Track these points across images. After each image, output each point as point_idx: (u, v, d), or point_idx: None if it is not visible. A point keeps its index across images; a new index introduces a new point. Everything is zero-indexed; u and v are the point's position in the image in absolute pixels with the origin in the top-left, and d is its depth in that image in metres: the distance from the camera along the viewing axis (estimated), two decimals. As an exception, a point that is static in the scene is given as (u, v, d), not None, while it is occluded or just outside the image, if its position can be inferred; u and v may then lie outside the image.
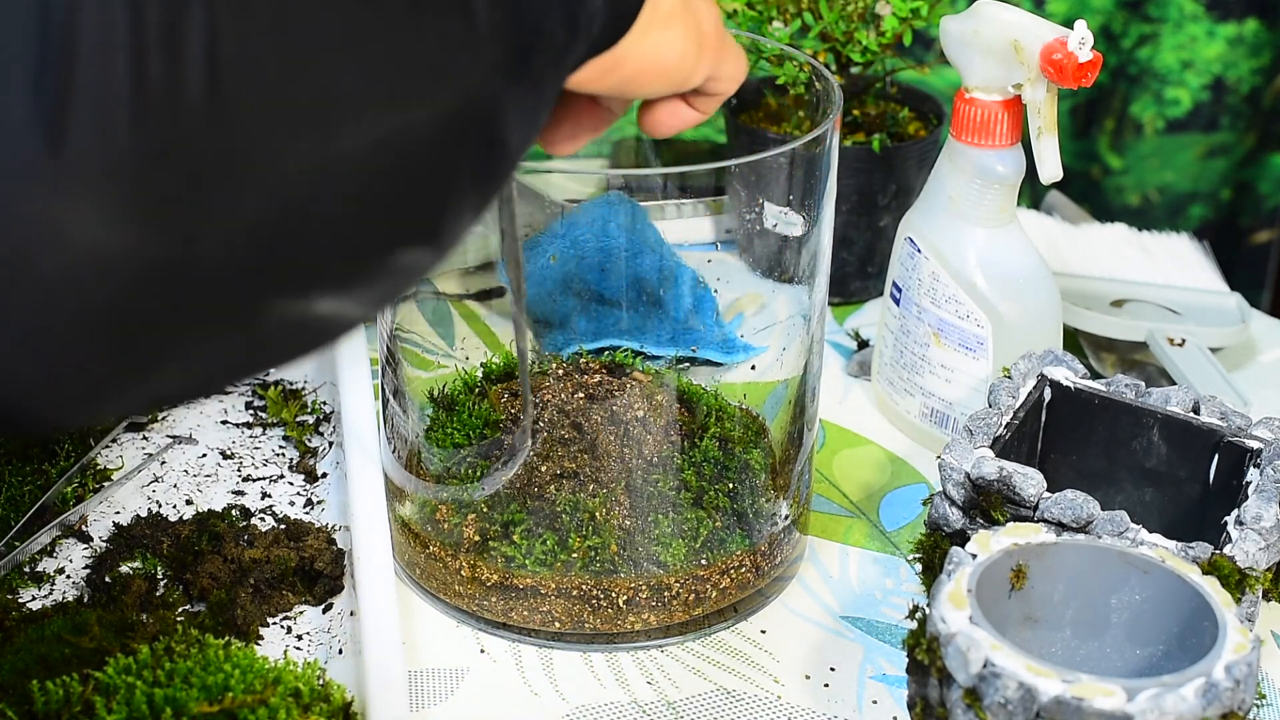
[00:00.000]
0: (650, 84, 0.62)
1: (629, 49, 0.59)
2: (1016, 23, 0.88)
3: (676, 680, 0.79)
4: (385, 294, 0.49)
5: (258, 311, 0.45)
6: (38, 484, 0.87)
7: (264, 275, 0.45)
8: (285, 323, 0.46)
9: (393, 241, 0.48)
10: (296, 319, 0.46)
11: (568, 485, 0.80)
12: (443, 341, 0.86)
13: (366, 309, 0.48)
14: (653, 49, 0.60)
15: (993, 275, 0.93)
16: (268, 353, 0.47)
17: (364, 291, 0.48)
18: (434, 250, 0.50)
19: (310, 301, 0.46)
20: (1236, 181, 1.51)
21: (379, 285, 0.48)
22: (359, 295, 0.48)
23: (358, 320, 0.49)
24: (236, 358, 0.47)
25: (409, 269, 0.49)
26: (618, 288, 0.86)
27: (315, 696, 0.70)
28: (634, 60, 0.60)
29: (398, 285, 0.50)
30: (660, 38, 0.60)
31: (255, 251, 0.44)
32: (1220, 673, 0.64)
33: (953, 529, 0.80)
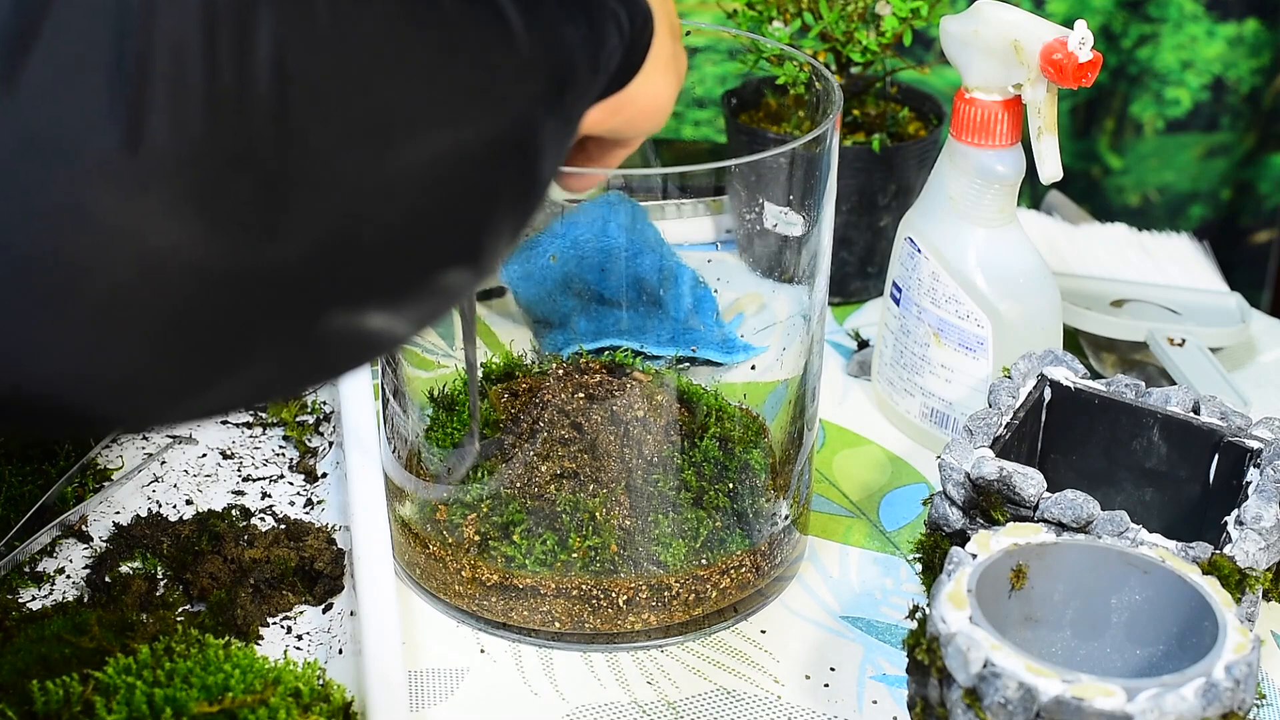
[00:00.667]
0: (646, 126, 0.65)
1: (636, 92, 0.62)
2: (1016, 23, 0.88)
3: (676, 680, 0.79)
4: (429, 313, 0.50)
5: (316, 322, 0.46)
6: (38, 484, 0.87)
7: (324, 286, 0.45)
8: (340, 336, 0.47)
9: (441, 259, 0.49)
10: (351, 332, 0.47)
11: (568, 485, 0.80)
12: (443, 341, 0.86)
13: (411, 327, 0.49)
14: (653, 92, 0.63)
15: (993, 275, 0.93)
16: (321, 365, 0.48)
17: (412, 309, 0.49)
18: (475, 272, 0.51)
19: (364, 316, 0.47)
20: (1236, 181, 1.51)
21: (426, 304, 0.49)
22: (407, 312, 0.48)
23: (402, 339, 0.49)
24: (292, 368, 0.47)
25: (453, 289, 0.50)
26: (618, 288, 0.86)
27: (315, 696, 0.70)
28: (639, 102, 0.63)
29: (440, 305, 0.51)
30: (660, 82, 0.63)
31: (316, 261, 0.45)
32: (1220, 673, 0.64)
33: (953, 529, 0.80)
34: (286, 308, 0.45)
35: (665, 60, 0.63)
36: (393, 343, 0.49)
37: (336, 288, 0.46)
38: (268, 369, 0.46)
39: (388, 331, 0.48)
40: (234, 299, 0.44)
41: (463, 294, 0.51)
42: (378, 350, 0.49)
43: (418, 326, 0.50)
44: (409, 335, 0.50)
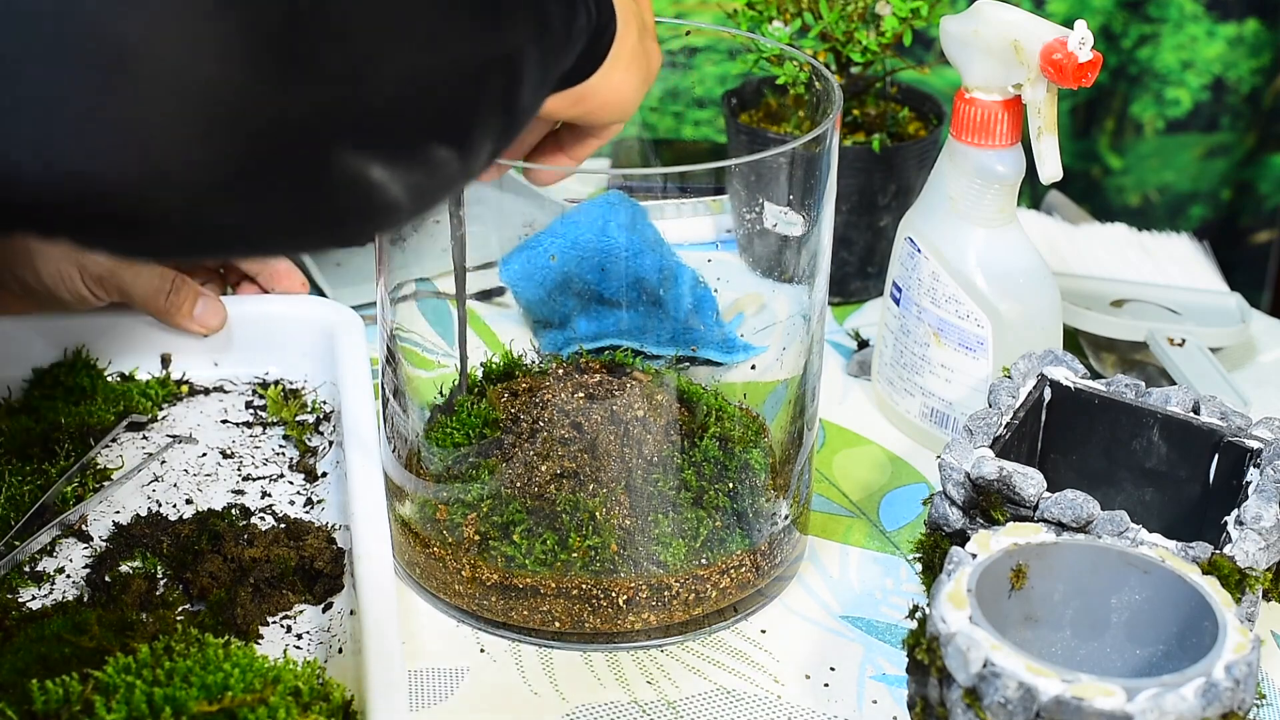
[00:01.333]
0: (608, 116, 0.71)
1: (596, 85, 0.68)
2: (1016, 23, 0.88)
3: (676, 680, 0.79)
4: (422, 188, 0.56)
5: (329, 158, 0.52)
6: (38, 484, 0.87)
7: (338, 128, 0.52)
8: (347, 178, 0.53)
9: (433, 135, 0.56)
10: (355, 178, 0.53)
11: (568, 485, 0.80)
12: (443, 341, 0.86)
13: (406, 196, 0.55)
14: (615, 87, 0.69)
15: (993, 275, 0.93)
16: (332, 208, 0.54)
17: (406, 174, 0.55)
18: (462, 162, 0.57)
19: (368, 167, 0.53)
20: (1236, 181, 1.51)
21: (419, 173, 0.56)
22: (403, 177, 0.55)
23: (400, 207, 0.56)
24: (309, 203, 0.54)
25: (442, 169, 0.57)
26: (618, 288, 0.86)
27: (315, 695, 0.70)
28: (599, 95, 0.69)
29: (431, 182, 0.57)
30: (623, 77, 0.69)
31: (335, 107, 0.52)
32: (1220, 673, 0.64)
33: (953, 529, 0.80)
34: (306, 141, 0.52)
35: (629, 56, 0.69)
36: (394, 208, 0.55)
37: (349, 135, 0.53)
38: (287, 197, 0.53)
39: (387, 189, 0.54)
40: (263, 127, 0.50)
41: (452, 182, 0.58)
42: (382, 213, 0.55)
43: (413, 199, 0.56)
44: (407, 206, 0.56)
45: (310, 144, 0.52)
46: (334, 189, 0.53)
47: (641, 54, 0.70)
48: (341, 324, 0.97)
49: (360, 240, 0.59)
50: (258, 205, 0.52)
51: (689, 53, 1.22)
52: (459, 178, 0.58)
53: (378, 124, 0.54)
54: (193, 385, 0.98)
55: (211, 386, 0.98)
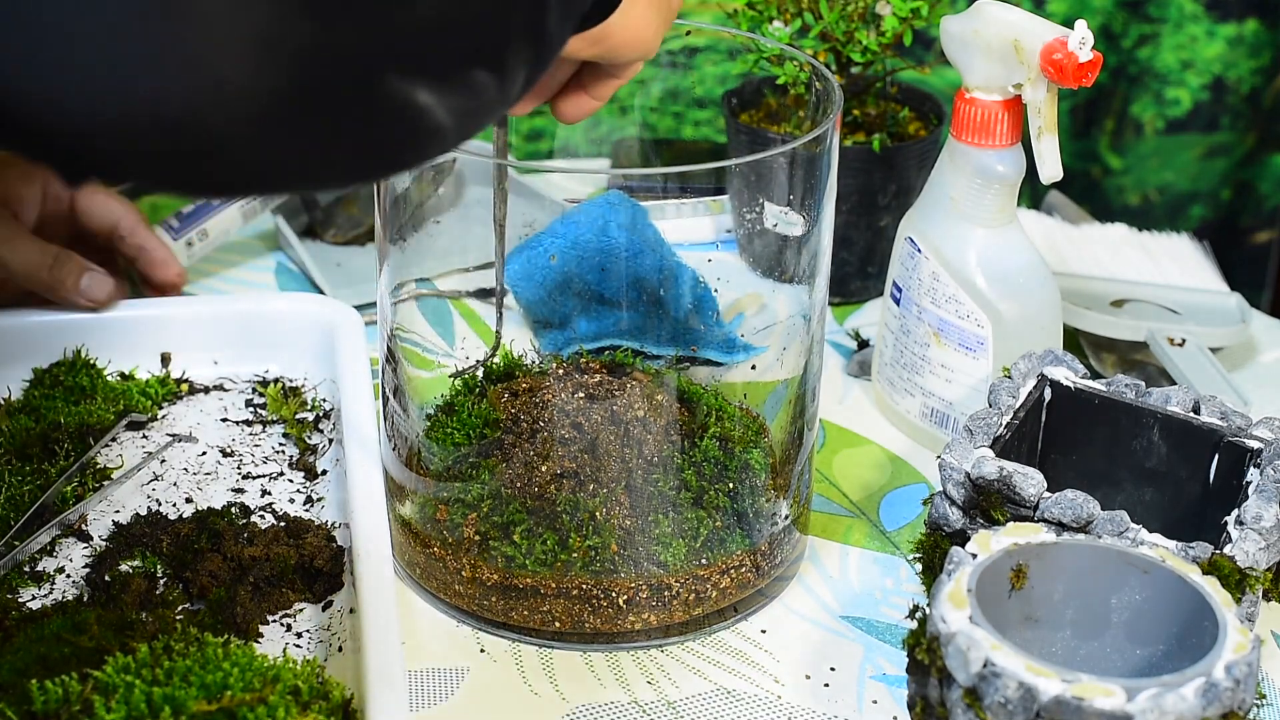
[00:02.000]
0: (627, 55, 0.73)
1: (615, 24, 0.69)
2: (1016, 23, 0.88)
3: (676, 680, 0.79)
4: (464, 111, 0.58)
5: (377, 86, 0.54)
6: (38, 483, 0.87)
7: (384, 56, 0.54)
8: (396, 104, 0.55)
9: (475, 58, 0.58)
10: (403, 103, 0.55)
11: (568, 485, 0.80)
12: (443, 341, 0.86)
13: (450, 120, 0.57)
14: (634, 26, 0.71)
15: (993, 275, 0.93)
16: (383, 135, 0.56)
17: (450, 98, 0.57)
18: (500, 86, 0.59)
19: (414, 90, 0.55)
20: (1236, 181, 1.51)
21: (461, 96, 0.57)
22: (447, 99, 0.57)
23: (445, 131, 0.58)
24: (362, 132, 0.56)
25: (482, 93, 0.59)
26: (618, 288, 0.86)
27: (314, 694, 0.70)
28: (618, 34, 0.70)
29: (472, 106, 0.58)
30: (642, 15, 0.71)
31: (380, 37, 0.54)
32: (1220, 673, 0.64)
33: (953, 529, 0.80)
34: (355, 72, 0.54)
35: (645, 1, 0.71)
36: (442, 132, 0.57)
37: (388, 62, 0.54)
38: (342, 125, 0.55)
39: (434, 113, 0.56)
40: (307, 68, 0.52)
41: (491, 107, 0.60)
42: (431, 138, 0.57)
43: (457, 122, 0.58)
44: (451, 130, 0.58)
45: (359, 72, 0.54)
46: (384, 115, 0.55)
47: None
48: (341, 321, 0.97)
49: (412, 165, 0.64)
50: (315, 134, 0.54)
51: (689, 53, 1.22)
52: (499, 103, 0.60)
53: (420, 49, 0.55)
54: (192, 384, 0.98)
55: (211, 385, 0.98)
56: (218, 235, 1.12)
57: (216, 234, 1.12)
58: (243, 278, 1.14)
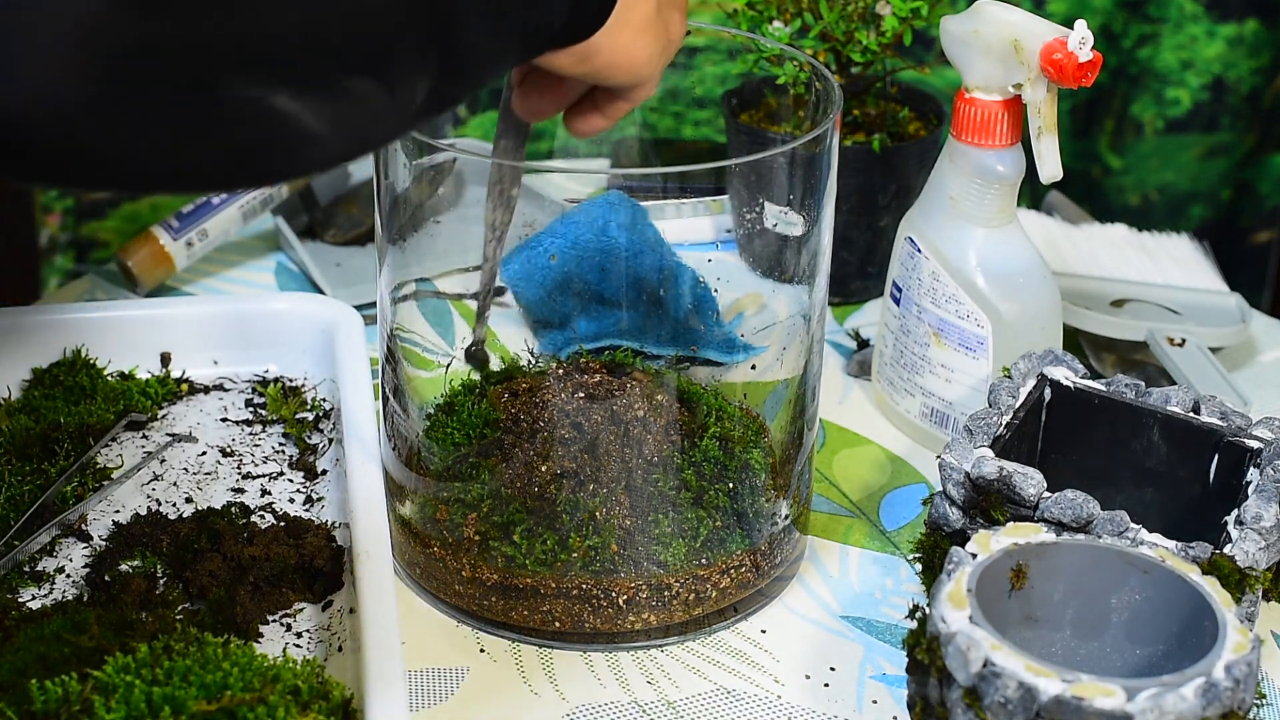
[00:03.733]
0: (618, 78, 0.71)
1: (602, 45, 0.68)
2: (1016, 23, 0.88)
3: (676, 680, 0.79)
4: (342, 117, 0.56)
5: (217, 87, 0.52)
6: (37, 483, 0.87)
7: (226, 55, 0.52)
8: (245, 109, 0.53)
9: (346, 62, 0.56)
10: (255, 108, 0.53)
11: (568, 485, 0.80)
12: (443, 341, 0.86)
13: (327, 127, 0.55)
14: (625, 49, 0.69)
15: (993, 275, 0.93)
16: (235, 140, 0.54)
17: (319, 103, 0.55)
18: (387, 95, 0.57)
19: (269, 95, 0.53)
20: (1236, 181, 1.51)
21: (333, 103, 0.55)
22: (317, 108, 0.55)
23: (322, 139, 0.55)
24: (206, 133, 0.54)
25: (362, 100, 0.56)
26: (618, 288, 0.86)
27: (314, 694, 0.70)
28: (605, 55, 0.69)
29: (353, 113, 0.56)
30: (632, 41, 0.70)
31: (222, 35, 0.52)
32: (1220, 672, 0.64)
33: (953, 529, 0.80)
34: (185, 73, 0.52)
35: (641, 21, 0.69)
36: (314, 139, 0.55)
37: (232, 63, 0.53)
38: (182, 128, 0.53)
39: (300, 120, 0.54)
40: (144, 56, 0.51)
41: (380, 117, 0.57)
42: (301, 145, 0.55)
43: (336, 130, 0.56)
44: (331, 140, 0.56)
45: (192, 72, 0.52)
46: (231, 119, 0.53)
47: (658, 22, 0.71)
48: (341, 321, 0.97)
49: (293, 173, 0.59)
50: (143, 135, 0.52)
51: (689, 53, 1.22)
52: (391, 113, 0.58)
53: (273, 53, 0.53)
54: (192, 384, 0.98)
55: (211, 385, 0.98)
56: (218, 235, 1.12)
57: (216, 234, 1.12)
58: (243, 278, 1.14)
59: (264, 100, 0.53)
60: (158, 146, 0.53)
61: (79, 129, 0.51)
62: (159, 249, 1.10)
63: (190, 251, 1.11)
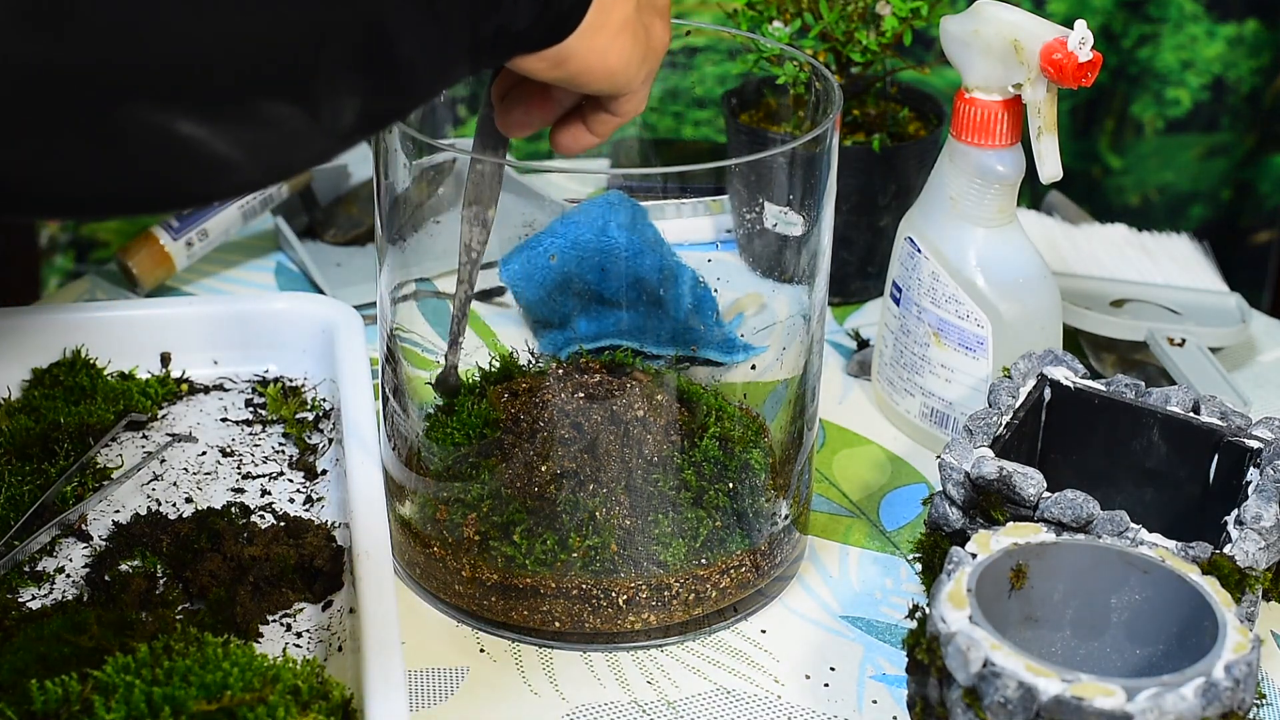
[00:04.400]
0: (595, 83, 0.68)
1: (576, 48, 0.65)
2: (1016, 23, 0.88)
3: (676, 680, 0.79)
4: (260, 144, 0.53)
5: (116, 112, 0.50)
6: (37, 483, 0.87)
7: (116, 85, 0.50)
8: (145, 136, 0.50)
9: (257, 87, 0.53)
10: (157, 135, 0.51)
11: (568, 485, 0.80)
12: (443, 341, 0.86)
13: (241, 153, 0.53)
14: (600, 53, 0.66)
15: (993, 275, 0.93)
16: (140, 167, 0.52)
17: (230, 128, 0.52)
18: (309, 117, 0.54)
19: (171, 121, 0.51)
20: (1236, 181, 1.51)
21: (250, 129, 0.53)
22: (229, 132, 0.52)
23: (237, 165, 0.53)
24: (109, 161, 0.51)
25: (281, 125, 0.53)
26: (618, 288, 0.86)
27: (314, 694, 0.70)
28: (580, 59, 0.66)
29: (271, 139, 0.54)
30: (609, 44, 0.66)
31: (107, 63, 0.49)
32: (1220, 672, 0.64)
33: (953, 529, 0.80)
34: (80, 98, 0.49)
35: (618, 24, 0.66)
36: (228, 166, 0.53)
37: (131, 88, 0.50)
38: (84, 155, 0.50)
39: (209, 146, 0.52)
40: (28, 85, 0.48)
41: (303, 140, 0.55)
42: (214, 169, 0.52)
43: (253, 156, 0.53)
44: (246, 165, 0.53)
45: (89, 98, 0.49)
46: (134, 147, 0.51)
47: (638, 26, 0.68)
48: (341, 321, 0.97)
49: (201, 201, 0.57)
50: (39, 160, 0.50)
51: (689, 53, 1.22)
52: (312, 135, 0.55)
53: (173, 78, 0.51)
54: (192, 383, 0.98)
55: (211, 385, 0.98)
56: (218, 235, 1.12)
57: (216, 234, 1.12)
58: (243, 278, 1.14)
59: (167, 127, 0.51)
60: (60, 174, 0.51)
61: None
62: (159, 249, 1.10)
63: (190, 251, 1.11)
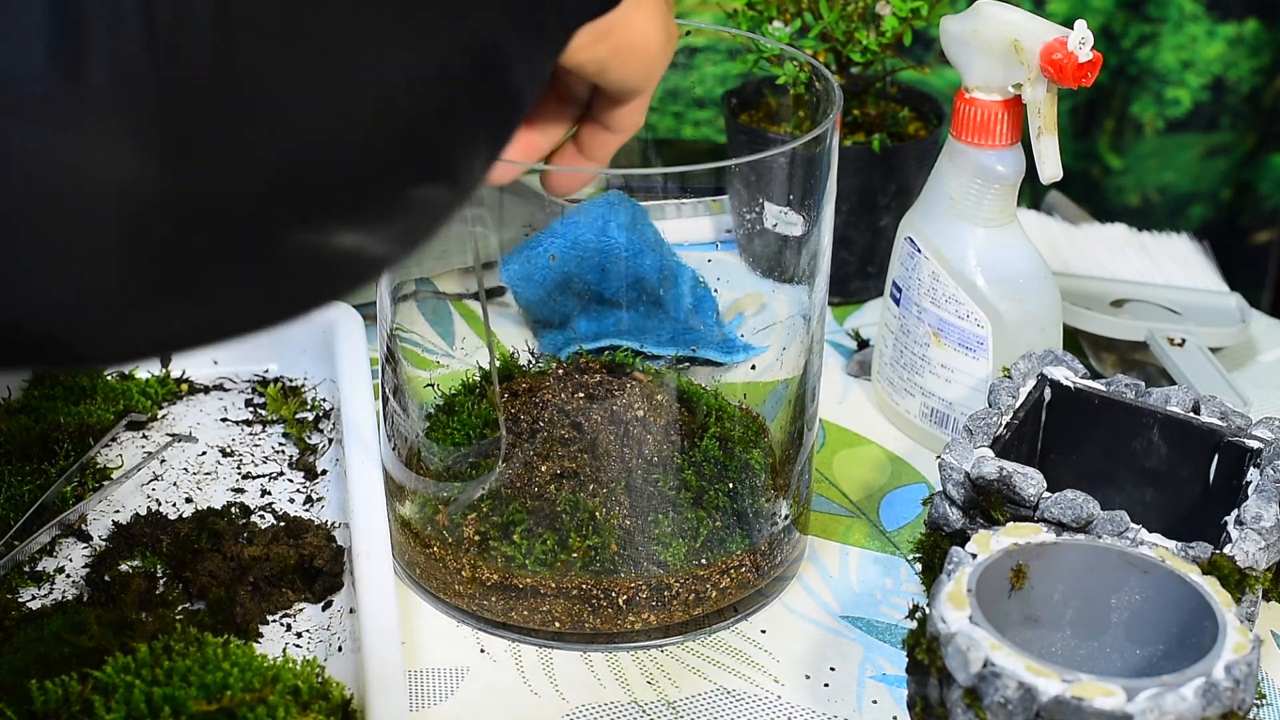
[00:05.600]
0: (630, 64, 0.63)
1: (620, 18, 0.60)
2: (1016, 23, 0.88)
3: (676, 680, 0.79)
4: (410, 231, 0.50)
5: (276, 243, 0.46)
6: (37, 483, 0.87)
7: (280, 209, 0.46)
8: (307, 256, 0.47)
9: (407, 176, 0.49)
10: (318, 253, 0.47)
11: (568, 485, 0.80)
12: (443, 341, 0.86)
13: (393, 246, 0.49)
14: (641, 26, 0.62)
15: (993, 275, 0.93)
16: (294, 288, 0.49)
17: (385, 227, 0.49)
18: (453, 189, 0.51)
19: (330, 236, 0.47)
20: (1236, 181, 1.51)
21: (400, 221, 0.49)
22: (381, 231, 0.49)
23: (387, 258, 0.50)
24: (263, 291, 0.48)
25: (429, 206, 0.50)
26: (618, 288, 0.86)
27: (314, 694, 0.70)
28: (623, 32, 0.61)
29: (421, 222, 0.50)
30: (649, 18, 0.62)
31: (269, 185, 0.46)
32: (1220, 672, 0.64)
33: (953, 529, 0.80)
34: (242, 228, 0.46)
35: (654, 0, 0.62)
36: (374, 263, 0.49)
37: (295, 211, 0.46)
38: (240, 292, 0.47)
39: (363, 251, 0.49)
40: (187, 221, 0.44)
41: (446, 212, 0.51)
42: (359, 271, 0.50)
43: (403, 245, 0.50)
44: (395, 254, 0.50)
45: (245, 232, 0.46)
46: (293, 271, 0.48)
47: (667, 8, 0.63)
48: (341, 321, 0.97)
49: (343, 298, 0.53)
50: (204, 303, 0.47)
51: (689, 53, 1.22)
52: (455, 201, 0.52)
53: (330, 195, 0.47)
54: (192, 383, 0.98)
55: (211, 385, 0.98)
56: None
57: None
58: (243, 278, 1.14)
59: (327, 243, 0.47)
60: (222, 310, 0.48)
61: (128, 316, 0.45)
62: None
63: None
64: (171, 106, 0.43)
